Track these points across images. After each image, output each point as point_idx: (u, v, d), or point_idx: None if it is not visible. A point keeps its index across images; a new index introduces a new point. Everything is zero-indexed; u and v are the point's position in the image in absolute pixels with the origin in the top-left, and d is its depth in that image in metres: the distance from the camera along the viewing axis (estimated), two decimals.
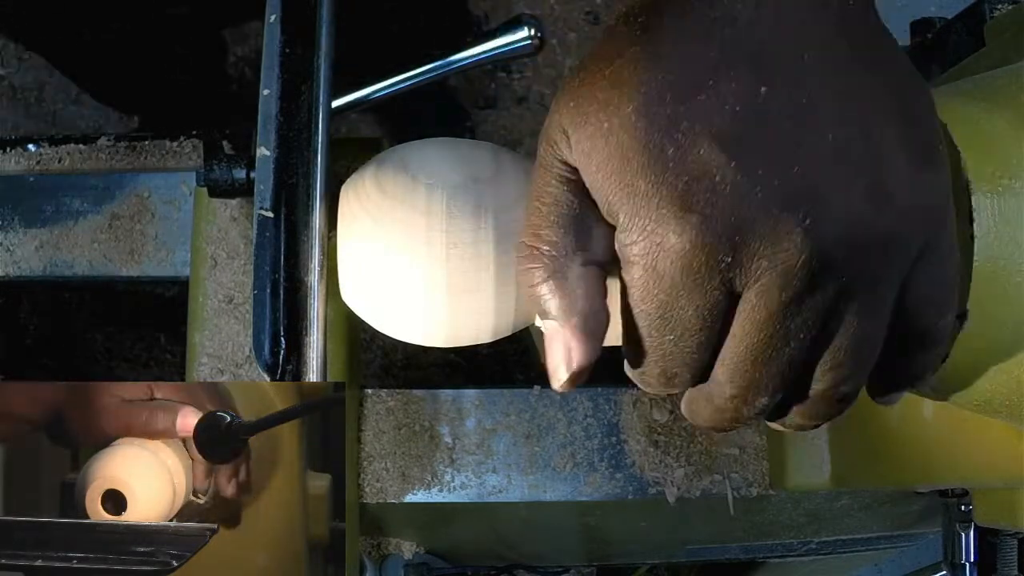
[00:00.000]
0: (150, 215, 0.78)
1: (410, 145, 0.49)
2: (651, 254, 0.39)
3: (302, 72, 0.50)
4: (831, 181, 0.38)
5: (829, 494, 0.75)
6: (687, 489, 0.73)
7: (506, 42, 0.66)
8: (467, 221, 0.46)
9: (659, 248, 0.39)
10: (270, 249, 0.49)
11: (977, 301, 0.43)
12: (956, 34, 0.63)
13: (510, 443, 0.74)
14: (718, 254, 0.38)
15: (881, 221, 0.38)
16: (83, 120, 1.58)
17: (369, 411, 0.74)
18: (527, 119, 1.65)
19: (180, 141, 0.80)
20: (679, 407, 0.74)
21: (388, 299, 0.47)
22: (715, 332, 0.41)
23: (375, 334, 0.52)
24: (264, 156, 0.49)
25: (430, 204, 0.46)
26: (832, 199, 0.38)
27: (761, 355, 0.40)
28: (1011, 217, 0.43)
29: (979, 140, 0.44)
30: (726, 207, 0.38)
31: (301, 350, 0.48)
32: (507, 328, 0.49)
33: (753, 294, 0.39)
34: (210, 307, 0.73)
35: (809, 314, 0.39)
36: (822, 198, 0.38)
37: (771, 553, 0.86)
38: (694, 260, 0.39)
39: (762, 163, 0.38)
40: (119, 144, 0.80)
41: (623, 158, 0.39)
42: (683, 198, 0.38)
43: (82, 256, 0.79)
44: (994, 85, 0.47)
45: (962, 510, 0.67)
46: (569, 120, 0.42)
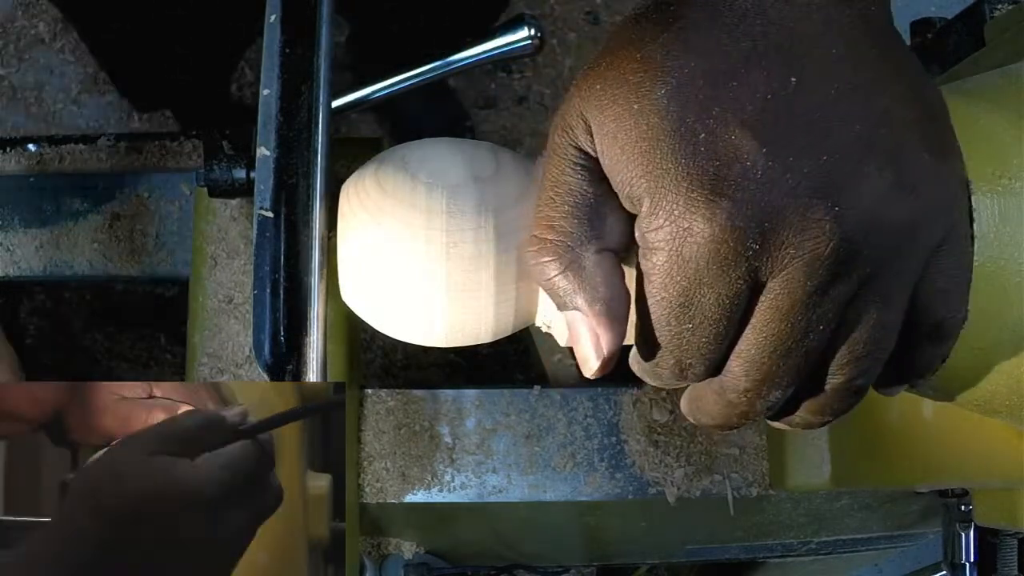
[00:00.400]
0: (150, 215, 0.78)
1: (410, 145, 0.49)
2: (677, 239, 0.39)
3: (302, 72, 0.50)
4: (858, 172, 0.38)
5: (829, 494, 0.75)
6: (687, 489, 0.73)
7: (506, 42, 0.66)
8: (467, 220, 0.46)
9: (686, 233, 0.39)
10: (270, 249, 0.49)
11: (977, 301, 0.43)
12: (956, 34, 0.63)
13: (510, 443, 0.74)
14: (746, 240, 0.38)
15: (905, 212, 0.39)
16: (83, 120, 1.59)
17: (369, 411, 0.74)
18: (527, 119, 1.65)
19: (180, 141, 0.80)
20: (679, 407, 0.74)
21: (388, 299, 0.47)
22: (734, 323, 0.40)
23: (375, 334, 0.52)
24: (264, 156, 0.49)
25: (430, 203, 0.46)
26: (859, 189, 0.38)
27: (780, 347, 0.40)
28: (1011, 217, 0.43)
29: (979, 140, 0.44)
30: (756, 193, 0.38)
31: (301, 350, 0.48)
32: (507, 328, 0.49)
33: (777, 283, 0.39)
34: (210, 307, 0.73)
35: (831, 305, 0.39)
36: (849, 188, 0.38)
37: (771, 553, 0.86)
38: (722, 246, 0.38)
39: (792, 151, 0.38)
40: (119, 144, 0.80)
41: (653, 140, 0.39)
42: (714, 183, 0.38)
43: (82, 256, 0.79)
44: (994, 85, 0.47)
45: (962, 510, 0.67)
46: (594, 103, 0.42)
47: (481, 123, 1.64)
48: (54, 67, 1.59)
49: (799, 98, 0.39)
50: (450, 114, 1.60)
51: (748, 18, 0.40)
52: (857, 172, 0.38)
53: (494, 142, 0.51)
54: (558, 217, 0.43)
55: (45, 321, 1.47)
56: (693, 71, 0.39)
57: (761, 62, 0.39)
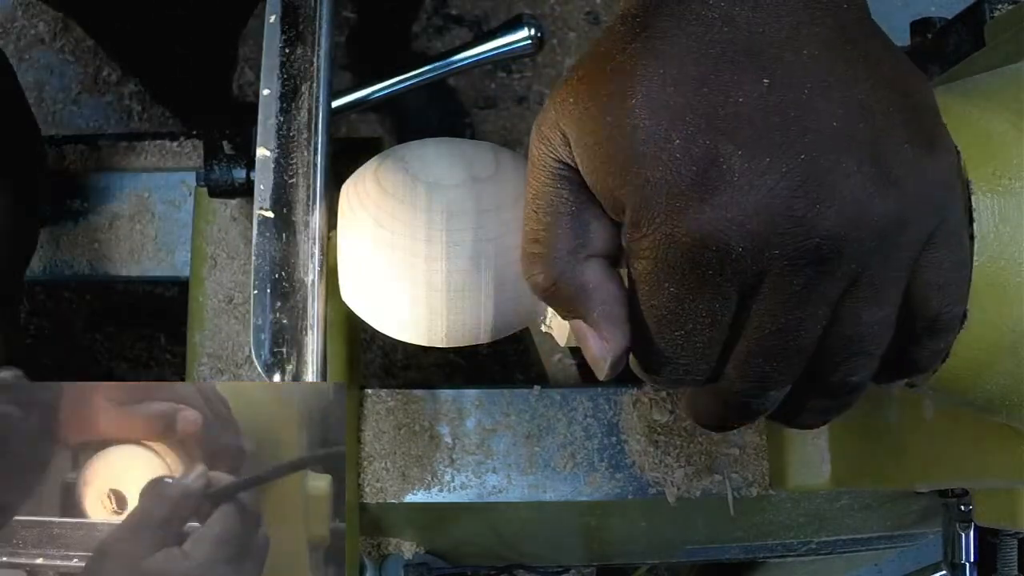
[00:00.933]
0: (150, 215, 0.78)
1: (410, 145, 0.49)
2: (661, 246, 0.39)
3: (302, 72, 0.50)
4: (837, 168, 0.38)
5: (829, 494, 0.75)
6: (687, 489, 0.73)
7: (506, 42, 0.66)
8: (467, 220, 0.46)
9: (669, 240, 0.39)
10: (270, 249, 0.49)
11: (977, 301, 0.43)
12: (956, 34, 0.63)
13: (510, 443, 0.74)
14: (730, 243, 0.38)
15: (889, 206, 0.38)
16: (83, 120, 1.58)
17: (369, 411, 0.74)
18: (527, 119, 1.65)
19: (180, 141, 0.80)
20: (679, 407, 0.75)
21: (388, 299, 0.47)
22: (726, 327, 0.40)
23: (375, 334, 0.52)
24: (264, 156, 0.49)
25: (430, 203, 0.46)
26: (839, 186, 0.38)
27: (773, 347, 0.40)
28: (1011, 217, 0.43)
29: (979, 140, 0.44)
30: (736, 196, 0.38)
31: (301, 350, 0.48)
32: (507, 328, 0.49)
33: (765, 285, 0.39)
34: (210, 307, 0.73)
35: (821, 302, 0.39)
36: (829, 184, 0.38)
37: (771, 553, 0.86)
38: (705, 252, 0.38)
39: (768, 152, 0.38)
40: (119, 144, 0.80)
41: (629, 151, 0.39)
42: (693, 189, 0.38)
43: (82, 256, 0.79)
44: (994, 85, 0.47)
45: (962, 510, 0.67)
46: (568, 118, 0.42)
47: (481, 123, 1.64)
48: (54, 67, 1.59)
49: (772, 99, 0.38)
50: (450, 114, 1.60)
51: (716, 25, 0.39)
52: (836, 168, 0.38)
53: (494, 142, 0.51)
54: (541, 229, 0.43)
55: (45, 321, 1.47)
56: (663, 79, 0.39)
57: (731, 67, 0.39)
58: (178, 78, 1.35)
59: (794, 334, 0.40)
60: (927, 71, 0.66)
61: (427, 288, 0.46)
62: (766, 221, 0.38)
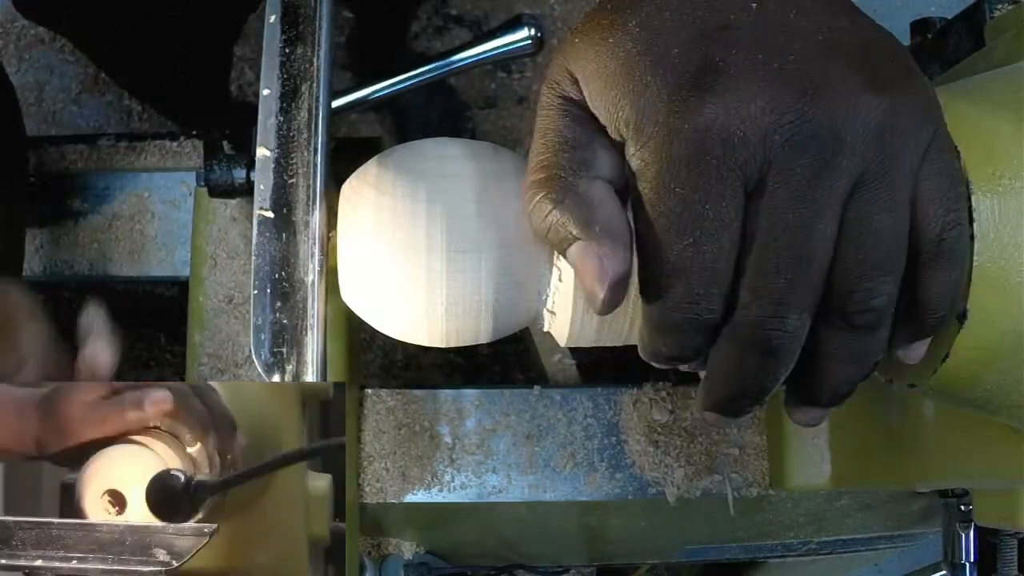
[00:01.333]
0: (150, 215, 0.78)
1: (410, 144, 0.49)
2: (665, 144, 0.41)
3: (302, 72, 0.50)
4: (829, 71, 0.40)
5: (829, 494, 0.75)
6: (687, 489, 0.73)
7: (506, 42, 0.66)
8: (468, 220, 0.46)
9: (673, 135, 0.40)
10: (270, 249, 0.49)
11: (977, 301, 0.43)
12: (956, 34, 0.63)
13: (510, 443, 0.74)
14: (731, 128, 0.40)
15: (886, 106, 0.40)
16: (83, 120, 1.58)
17: (369, 411, 0.74)
18: (527, 119, 1.65)
19: (180, 141, 0.80)
20: (679, 407, 0.75)
21: (388, 299, 0.47)
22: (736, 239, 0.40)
23: (375, 334, 0.52)
24: (264, 156, 0.49)
25: (430, 203, 0.46)
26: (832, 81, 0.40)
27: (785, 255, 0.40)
28: (1011, 217, 0.43)
29: (979, 140, 0.44)
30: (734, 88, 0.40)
31: (301, 350, 0.48)
32: (507, 328, 0.49)
33: (770, 178, 0.40)
34: (210, 307, 0.73)
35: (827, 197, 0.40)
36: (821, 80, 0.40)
37: (771, 553, 0.86)
38: (708, 139, 0.40)
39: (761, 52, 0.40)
40: (119, 144, 0.80)
41: (630, 63, 0.42)
42: (692, 84, 0.40)
43: (82, 256, 0.79)
44: (994, 85, 0.47)
45: (962, 510, 0.67)
46: (574, 55, 0.44)
47: (481, 123, 1.64)
48: (54, 67, 1.59)
49: (762, 18, 0.41)
50: (450, 114, 1.60)
51: None
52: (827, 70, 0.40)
53: (494, 142, 0.51)
54: (548, 156, 0.44)
55: None
56: (659, 5, 0.42)
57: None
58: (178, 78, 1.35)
59: (805, 235, 0.40)
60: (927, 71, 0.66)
61: (427, 288, 0.46)
62: (764, 107, 0.40)
